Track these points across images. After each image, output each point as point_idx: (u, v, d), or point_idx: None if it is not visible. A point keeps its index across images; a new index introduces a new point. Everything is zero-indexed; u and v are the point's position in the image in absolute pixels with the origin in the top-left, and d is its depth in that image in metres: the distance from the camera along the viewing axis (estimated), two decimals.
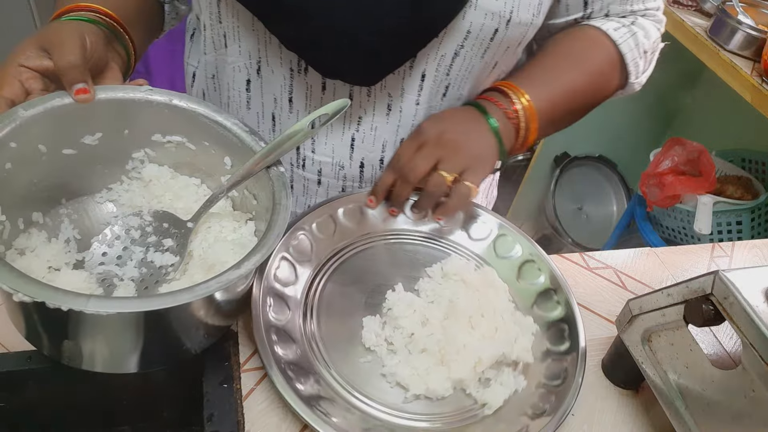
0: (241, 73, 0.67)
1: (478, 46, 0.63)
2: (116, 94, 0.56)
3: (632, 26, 0.72)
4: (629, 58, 0.72)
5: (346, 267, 0.66)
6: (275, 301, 0.59)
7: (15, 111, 0.50)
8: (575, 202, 2.27)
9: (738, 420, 0.47)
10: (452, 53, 0.63)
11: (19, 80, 0.52)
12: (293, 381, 0.53)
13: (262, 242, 0.49)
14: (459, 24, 0.60)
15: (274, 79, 0.66)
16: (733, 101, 1.53)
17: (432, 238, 0.71)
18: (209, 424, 0.49)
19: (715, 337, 0.57)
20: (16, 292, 0.40)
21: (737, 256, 0.86)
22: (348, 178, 0.72)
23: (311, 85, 0.65)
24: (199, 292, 0.44)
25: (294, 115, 0.68)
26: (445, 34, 0.61)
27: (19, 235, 0.53)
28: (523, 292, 0.67)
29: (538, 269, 0.68)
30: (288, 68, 0.65)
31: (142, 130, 0.58)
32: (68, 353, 0.47)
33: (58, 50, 0.52)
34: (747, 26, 1.37)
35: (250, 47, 0.65)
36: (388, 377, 0.57)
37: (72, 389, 0.55)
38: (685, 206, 1.56)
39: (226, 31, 0.65)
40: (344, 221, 0.68)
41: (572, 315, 0.63)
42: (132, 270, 0.54)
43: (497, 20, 0.61)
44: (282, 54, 0.64)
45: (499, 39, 0.63)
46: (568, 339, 0.62)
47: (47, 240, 0.54)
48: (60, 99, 0.53)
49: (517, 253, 0.70)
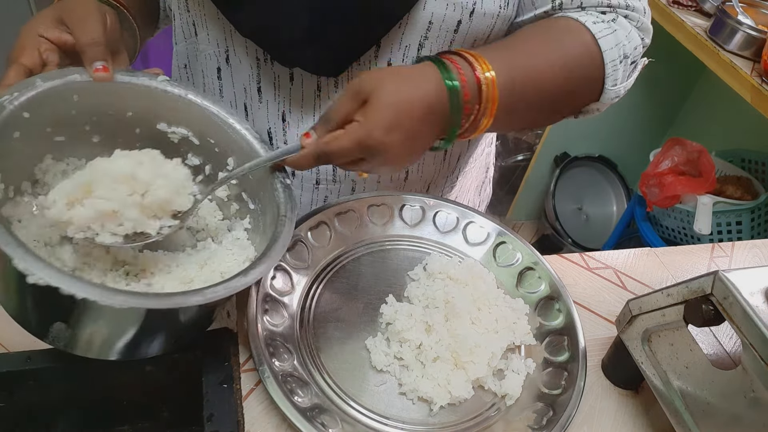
0: (211, 61, 0.67)
1: (442, 38, 0.62)
2: (133, 78, 0.56)
3: (612, 23, 0.63)
4: (608, 57, 0.61)
5: (343, 275, 0.66)
6: (272, 310, 0.59)
7: (33, 81, 0.50)
8: (575, 202, 2.27)
9: (738, 420, 0.47)
10: (416, 44, 0.62)
11: (38, 50, 0.52)
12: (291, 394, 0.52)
13: (269, 252, 0.49)
14: (419, 14, 0.59)
15: (242, 68, 0.66)
16: (733, 101, 1.53)
17: (424, 241, 0.71)
18: (209, 424, 0.49)
19: (715, 337, 0.57)
20: (32, 273, 0.40)
21: (737, 256, 0.86)
22: (321, 171, 0.71)
23: (278, 75, 0.65)
24: (209, 295, 0.45)
25: (264, 105, 0.68)
26: (407, 24, 0.60)
27: (7, 201, 0.52)
28: (523, 299, 0.67)
29: (538, 277, 0.68)
30: (254, 57, 0.64)
31: (149, 116, 0.58)
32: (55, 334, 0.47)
33: (81, 26, 0.52)
34: (747, 26, 1.37)
35: (217, 36, 0.65)
36: (409, 394, 0.57)
37: (72, 389, 0.55)
38: (684, 206, 1.56)
39: (195, 20, 0.65)
40: (340, 228, 0.68)
41: (572, 322, 0.63)
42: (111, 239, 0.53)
43: (459, 11, 0.59)
44: (247, 43, 0.63)
45: (464, 31, 0.61)
46: (568, 349, 0.62)
47: (34, 212, 0.53)
48: (78, 75, 0.52)
49: (518, 261, 0.70)
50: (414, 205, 0.72)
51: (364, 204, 0.70)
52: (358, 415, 0.54)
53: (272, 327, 0.57)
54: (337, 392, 0.56)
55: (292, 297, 0.62)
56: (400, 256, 0.69)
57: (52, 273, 0.40)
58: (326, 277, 0.65)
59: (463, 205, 0.74)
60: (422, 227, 0.72)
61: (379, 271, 0.67)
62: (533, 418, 0.56)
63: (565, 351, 0.61)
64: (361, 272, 0.66)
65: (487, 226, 0.72)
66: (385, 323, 0.61)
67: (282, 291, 0.61)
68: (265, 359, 0.54)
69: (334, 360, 0.58)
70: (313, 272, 0.64)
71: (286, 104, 0.67)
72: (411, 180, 0.76)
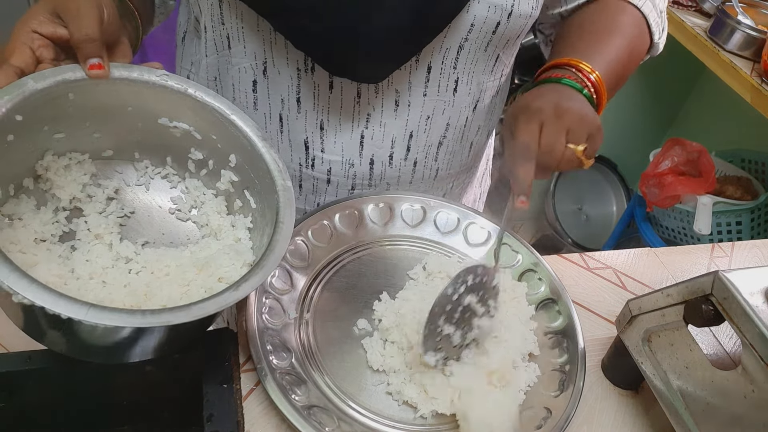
0: (246, 74, 0.67)
1: (481, 39, 0.64)
2: (131, 74, 0.54)
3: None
4: (651, 19, 0.73)
5: (343, 275, 0.65)
6: (271, 308, 0.59)
7: (24, 82, 0.48)
8: (575, 203, 2.27)
9: (738, 420, 0.47)
10: (457, 46, 0.64)
11: (30, 48, 0.50)
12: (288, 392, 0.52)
13: (262, 263, 0.49)
14: (463, 17, 0.61)
15: (280, 79, 0.66)
16: (733, 101, 1.53)
17: (424, 241, 0.71)
18: (209, 425, 0.49)
19: (715, 337, 0.57)
20: (16, 293, 0.40)
21: (737, 256, 0.86)
22: (358, 176, 0.72)
23: (318, 84, 0.65)
24: (195, 312, 0.44)
25: (302, 116, 0.68)
26: (450, 28, 0.62)
27: (8, 200, 0.52)
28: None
29: (538, 278, 0.68)
30: (295, 68, 0.65)
31: (149, 111, 0.57)
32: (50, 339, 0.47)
33: (76, 20, 0.50)
34: (746, 26, 1.37)
35: (255, 48, 0.64)
36: (395, 395, 0.56)
37: (72, 389, 0.55)
38: (684, 206, 1.56)
39: (230, 33, 0.64)
40: (341, 227, 0.68)
41: (572, 324, 0.63)
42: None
43: (499, 13, 0.62)
44: (288, 54, 0.64)
45: (501, 31, 0.64)
46: (566, 351, 0.62)
47: (36, 208, 0.53)
48: (72, 72, 0.50)
49: (518, 262, 0.70)
50: (415, 206, 0.72)
51: (364, 204, 0.70)
52: (356, 414, 0.54)
53: (271, 325, 0.57)
54: (335, 391, 0.56)
55: (292, 296, 0.62)
56: (400, 256, 0.69)
57: (37, 291, 0.40)
58: (326, 276, 0.65)
59: (464, 206, 0.74)
60: (423, 227, 0.72)
61: (378, 271, 0.67)
62: (532, 418, 0.56)
63: (564, 352, 0.61)
64: (361, 272, 0.66)
65: (487, 227, 0.72)
66: (377, 320, 0.61)
67: (281, 290, 0.61)
68: (264, 357, 0.54)
69: (332, 359, 0.58)
70: (313, 272, 0.64)
71: (324, 113, 0.67)
72: (440, 177, 0.77)
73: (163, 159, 0.61)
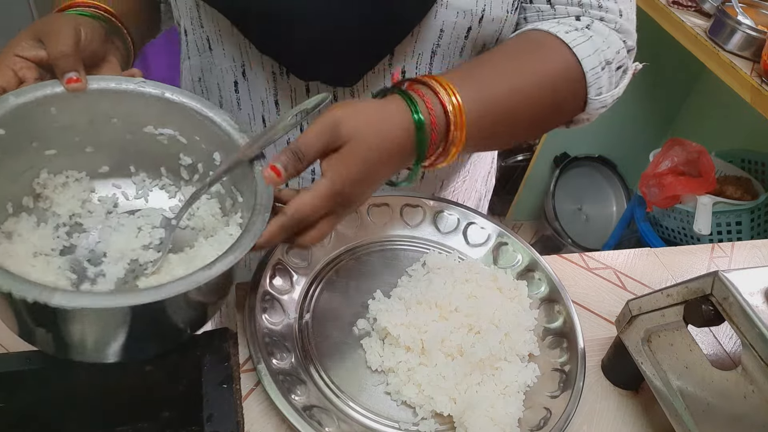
0: (228, 74, 0.67)
1: (454, 44, 0.63)
2: (108, 84, 0.55)
3: (587, 30, 0.61)
4: (587, 65, 0.59)
5: (343, 275, 0.65)
6: (271, 308, 0.59)
7: (5, 98, 0.50)
8: (575, 203, 2.27)
9: (737, 420, 0.47)
10: (430, 51, 0.63)
11: (12, 69, 0.53)
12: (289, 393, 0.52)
13: (237, 243, 0.48)
14: (431, 23, 0.60)
15: (258, 82, 0.66)
16: (732, 101, 1.53)
17: (424, 242, 0.71)
18: (209, 425, 0.49)
19: (714, 337, 0.57)
20: None
21: (737, 256, 0.86)
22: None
23: (295, 88, 0.66)
24: (164, 292, 0.44)
25: None
26: (419, 33, 0.61)
27: (8, 218, 0.53)
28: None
29: (538, 279, 0.68)
30: (270, 71, 0.65)
31: (134, 121, 0.58)
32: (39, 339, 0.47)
33: (53, 40, 0.53)
34: (746, 27, 1.37)
35: (233, 51, 0.65)
36: (393, 395, 0.56)
37: (72, 390, 0.55)
38: (684, 207, 1.56)
39: (209, 35, 0.65)
40: (341, 228, 0.68)
41: (572, 324, 0.63)
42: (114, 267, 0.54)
43: (469, 18, 0.60)
44: (263, 58, 0.64)
45: (474, 36, 0.63)
46: (566, 352, 0.62)
47: (36, 225, 0.54)
48: (51, 88, 0.53)
49: (518, 262, 0.70)
50: (415, 206, 0.72)
51: (364, 204, 0.70)
52: (356, 414, 0.54)
53: (271, 325, 0.57)
54: (335, 392, 0.56)
55: (292, 296, 0.62)
56: (400, 256, 0.69)
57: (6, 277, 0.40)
58: (325, 276, 0.65)
59: (464, 206, 0.74)
60: (423, 228, 0.72)
61: (378, 271, 0.67)
62: (532, 418, 0.56)
63: (564, 352, 0.61)
64: (361, 272, 0.66)
65: (487, 227, 0.72)
66: (372, 318, 0.61)
67: (281, 290, 0.61)
68: (263, 357, 0.54)
69: (331, 359, 0.58)
70: (313, 272, 0.64)
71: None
72: (427, 178, 0.76)
73: (158, 170, 0.62)
